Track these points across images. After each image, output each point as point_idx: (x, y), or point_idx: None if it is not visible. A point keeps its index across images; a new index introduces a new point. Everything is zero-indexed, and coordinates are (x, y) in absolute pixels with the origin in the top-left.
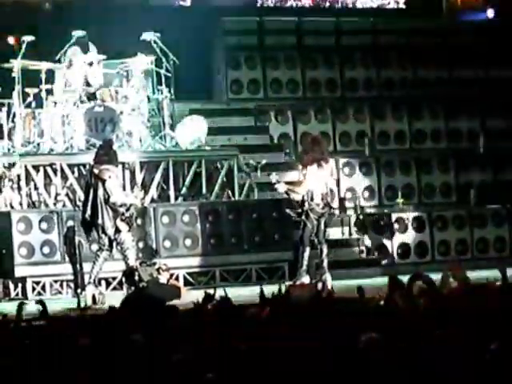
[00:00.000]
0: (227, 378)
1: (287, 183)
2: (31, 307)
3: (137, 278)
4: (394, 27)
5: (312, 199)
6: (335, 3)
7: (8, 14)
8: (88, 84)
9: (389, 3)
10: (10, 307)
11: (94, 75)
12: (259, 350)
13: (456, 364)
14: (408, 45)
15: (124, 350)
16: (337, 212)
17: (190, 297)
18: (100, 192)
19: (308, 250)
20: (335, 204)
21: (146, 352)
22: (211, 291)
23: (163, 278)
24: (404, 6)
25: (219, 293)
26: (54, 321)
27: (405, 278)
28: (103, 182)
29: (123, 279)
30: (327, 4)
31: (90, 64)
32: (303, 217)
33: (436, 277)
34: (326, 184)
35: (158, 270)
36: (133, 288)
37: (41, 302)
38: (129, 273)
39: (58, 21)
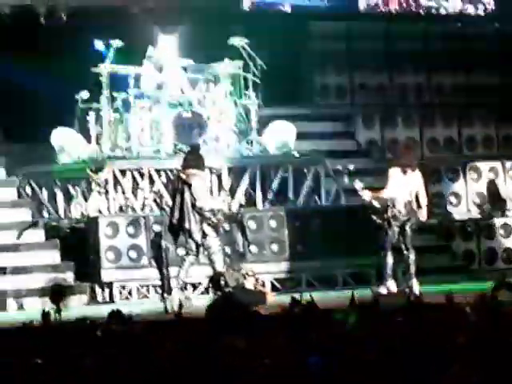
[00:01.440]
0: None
1: (372, 190)
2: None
3: (223, 283)
4: (482, 32)
5: (394, 206)
6: (420, 8)
7: (96, 19)
8: (181, 89)
9: (477, 9)
10: (96, 311)
11: (184, 80)
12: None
13: None
14: (498, 50)
15: (223, 355)
16: (423, 219)
17: (276, 302)
18: (187, 197)
19: (390, 255)
20: (423, 212)
21: (246, 357)
22: (297, 296)
23: (249, 284)
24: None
25: (305, 298)
26: (138, 326)
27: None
28: (190, 186)
29: (209, 284)
30: (414, 9)
31: (183, 68)
32: (385, 223)
33: None
34: (410, 191)
35: (244, 275)
36: (219, 293)
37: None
38: (215, 278)
39: (145, 25)
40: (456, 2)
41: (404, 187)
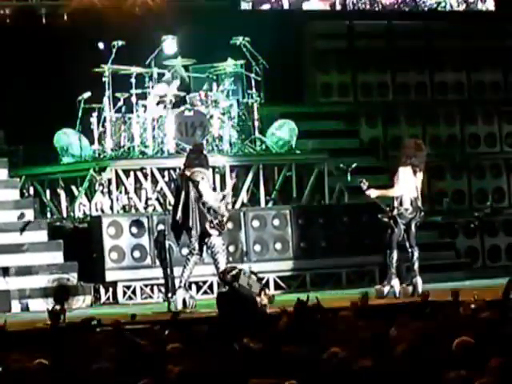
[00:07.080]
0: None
1: (377, 188)
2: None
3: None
4: (484, 30)
5: (401, 204)
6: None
7: (98, 19)
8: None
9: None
10: (101, 311)
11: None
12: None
13: None
14: (500, 48)
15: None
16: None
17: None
18: (192, 195)
19: (396, 253)
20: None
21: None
22: (303, 297)
23: (263, 300)
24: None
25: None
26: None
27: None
28: (196, 184)
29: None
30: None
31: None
32: (391, 221)
33: None
34: (416, 188)
35: (261, 290)
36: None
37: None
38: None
39: (147, 25)
40: None
41: (412, 186)
